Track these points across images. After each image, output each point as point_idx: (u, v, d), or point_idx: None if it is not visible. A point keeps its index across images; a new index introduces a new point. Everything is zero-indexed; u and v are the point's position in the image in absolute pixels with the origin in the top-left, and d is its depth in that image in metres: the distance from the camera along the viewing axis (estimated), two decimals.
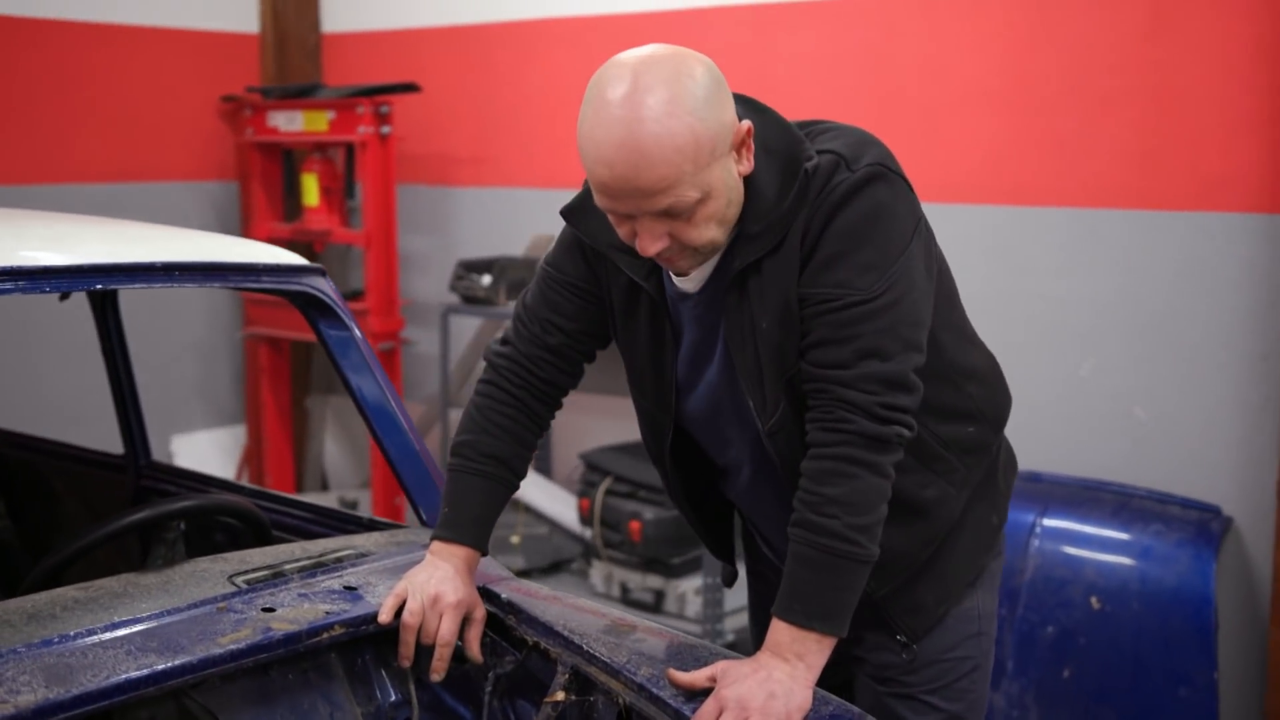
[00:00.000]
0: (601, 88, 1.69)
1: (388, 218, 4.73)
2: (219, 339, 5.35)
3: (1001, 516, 2.01)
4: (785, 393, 1.80)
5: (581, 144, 1.71)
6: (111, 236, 2.11)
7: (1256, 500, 3.34)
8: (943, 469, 1.88)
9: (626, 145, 1.64)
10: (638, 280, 1.87)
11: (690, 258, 1.76)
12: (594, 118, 1.68)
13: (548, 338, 2.00)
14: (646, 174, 1.64)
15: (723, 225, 1.75)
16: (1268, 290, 3.29)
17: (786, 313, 1.77)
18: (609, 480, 4.08)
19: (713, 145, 1.68)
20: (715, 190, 1.70)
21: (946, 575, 1.94)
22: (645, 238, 1.71)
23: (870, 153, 1.75)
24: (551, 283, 2.00)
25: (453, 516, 1.96)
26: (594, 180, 1.70)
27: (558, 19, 4.66)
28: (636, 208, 1.68)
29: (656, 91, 1.64)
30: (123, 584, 1.86)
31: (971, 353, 1.94)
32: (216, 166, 5.30)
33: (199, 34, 5.17)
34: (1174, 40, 3.37)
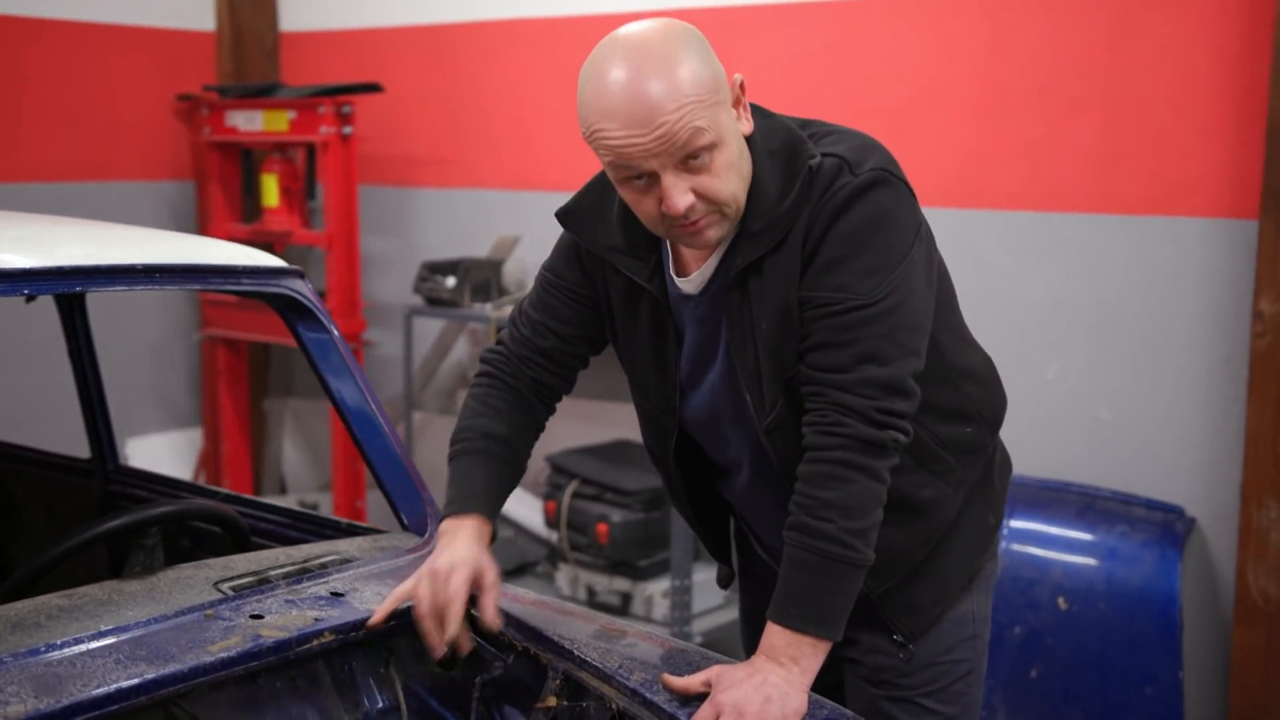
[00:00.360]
0: (595, 59, 1.72)
1: (350, 219, 4.69)
2: (175, 340, 5.28)
3: (997, 516, 2.03)
4: (783, 392, 1.80)
5: (588, 114, 1.70)
6: (88, 238, 2.07)
7: (1219, 501, 3.39)
8: (941, 469, 1.89)
9: (636, 90, 1.65)
10: (640, 282, 1.87)
11: (717, 222, 1.74)
12: (596, 80, 1.70)
13: (540, 340, 1.99)
14: (661, 111, 1.64)
15: (741, 182, 1.75)
16: (1230, 294, 3.33)
17: (786, 314, 1.77)
18: (576, 483, 4.07)
19: (715, 85, 1.70)
20: (726, 137, 1.71)
21: (943, 575, 1.95)
22: (673, 194, 1.68)
23: (874, 157, 1.76)
24: (549, 287, 2.00)
25: (457, 494, 1.92)
26: (608, 144, 1.68)
27: (522, 20, 4.64)
28: (656, 158, 1.66)
29: (652, 44, 1.68)
30: (106, 591, 1.83)
31: (969, 354, 1.95)
32: (171, 166, 5.24)
33: (154, 31, 5.10)
34: (1137, 47, 3.42)
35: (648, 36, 1.70)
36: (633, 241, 1.87)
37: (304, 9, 5.30)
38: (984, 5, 3.63)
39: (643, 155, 1.67)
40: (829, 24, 3.91)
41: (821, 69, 3.92)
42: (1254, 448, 3.22)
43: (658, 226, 1.76)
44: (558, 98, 4.55)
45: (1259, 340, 3.18)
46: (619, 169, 1.71)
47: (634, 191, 1.73)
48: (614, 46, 1.71)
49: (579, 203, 1.92)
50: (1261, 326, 3.17)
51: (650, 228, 1.79)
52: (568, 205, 1.93)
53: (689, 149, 1.67)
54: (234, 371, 5.13)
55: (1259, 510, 3.22)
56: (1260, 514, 3.22)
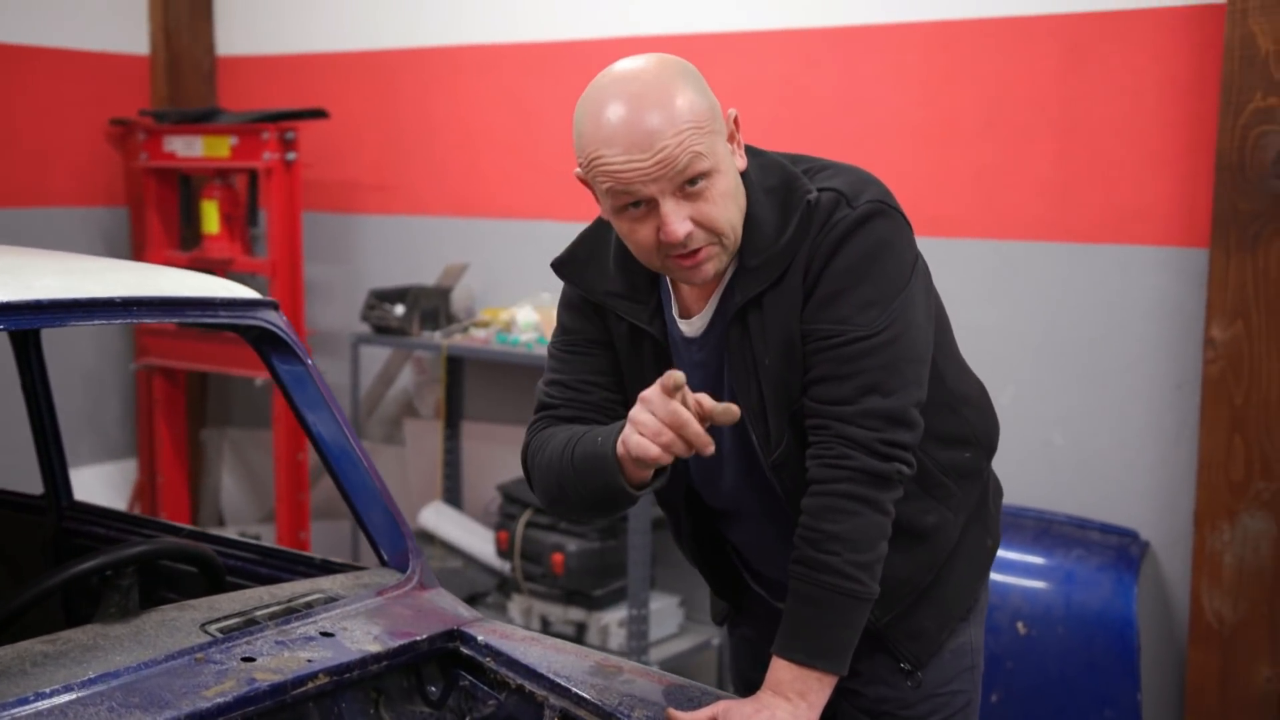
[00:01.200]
0: (592, 92, 1.73)
1: (293, 246, 4.62)
2: (109, 370, 5.16)
3: (995, 538, 2.04)
4: (790, 427, 1.79)
5: (587, 143, 1.70)
6: (63, 270, 2.01)
7: (1172, 525, 3.44)
8: (942, 495, 1.90)
9: (627, 107, 1.67)
10: (641, 325, 1.86)
11: (716, 254, 1.74)
12: (595, 110, 1.70)
13: (586, 396, 1.91)
14: (661, 136, 1.65)
15: (739, 213, 1.75)
16: (1180, 321, 3.39)
17: (790, 348, 1.77)
18: (529, 512, 4.03)
19: (712, 114, 1.72)
20: (723, 166, 1.72)
21: (947, 600, 1.95)
22: (671, 220, 1.68)
23: (870, 190, 1.77)
24: (570, 349, 1.94)
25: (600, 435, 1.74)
26: (608, 170, 1.68)
27: (468, 46, 4.61)
28: (656, 183, 1.67)
29: (649, 74, 1.70)
30: (91, 635, 1.77)
31: (967, 380, 1.98)
32: (105, 192, 5.13)
33: (86, 54, 5.00)
34: (1087, 77, 3.48)
35: (645, 68, 1.72)
36: (632, 285, 1.86)
37: (241, 33, 5.22)
38: (936, 34, 3.68)
39: (643, 180, 1.67)
40: (780, 53, 3.94)
41: (773, 98, 3.94)
42: (1206, 472, 3.28)
43: (653, 258, 1.75)
44: (505, 125, 4.53)
45: (1210, 366, 3.24)
46: (617, 196, 1.70)
47: (630, 221, 1.72)
48: (611, 79, 1.72)
49: (574, 253, 1.91)
50: (1213, 353, 3.23)
51: (645, 261, 1.78)
52: (562, 256, 1.92)
53: (688, 174, 1.68)
54: (171, 401, 5.02)
55: (1212, 533, 3.27)
56: (1213, 537, 3.27)
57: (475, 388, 4.65)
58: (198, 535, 2.48)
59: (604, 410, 1.91)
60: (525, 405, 4.58)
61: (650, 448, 1.60)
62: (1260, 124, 3.13)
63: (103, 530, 2.62)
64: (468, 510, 4.61)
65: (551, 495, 1.87)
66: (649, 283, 1.87)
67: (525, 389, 4.53)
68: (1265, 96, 3.12)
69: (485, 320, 4.37)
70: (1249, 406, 3.21)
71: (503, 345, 4.16)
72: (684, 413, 1.58)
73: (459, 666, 1.96)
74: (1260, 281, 3.17)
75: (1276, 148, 3.12)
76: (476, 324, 4.35)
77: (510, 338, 4.17)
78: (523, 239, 4.50)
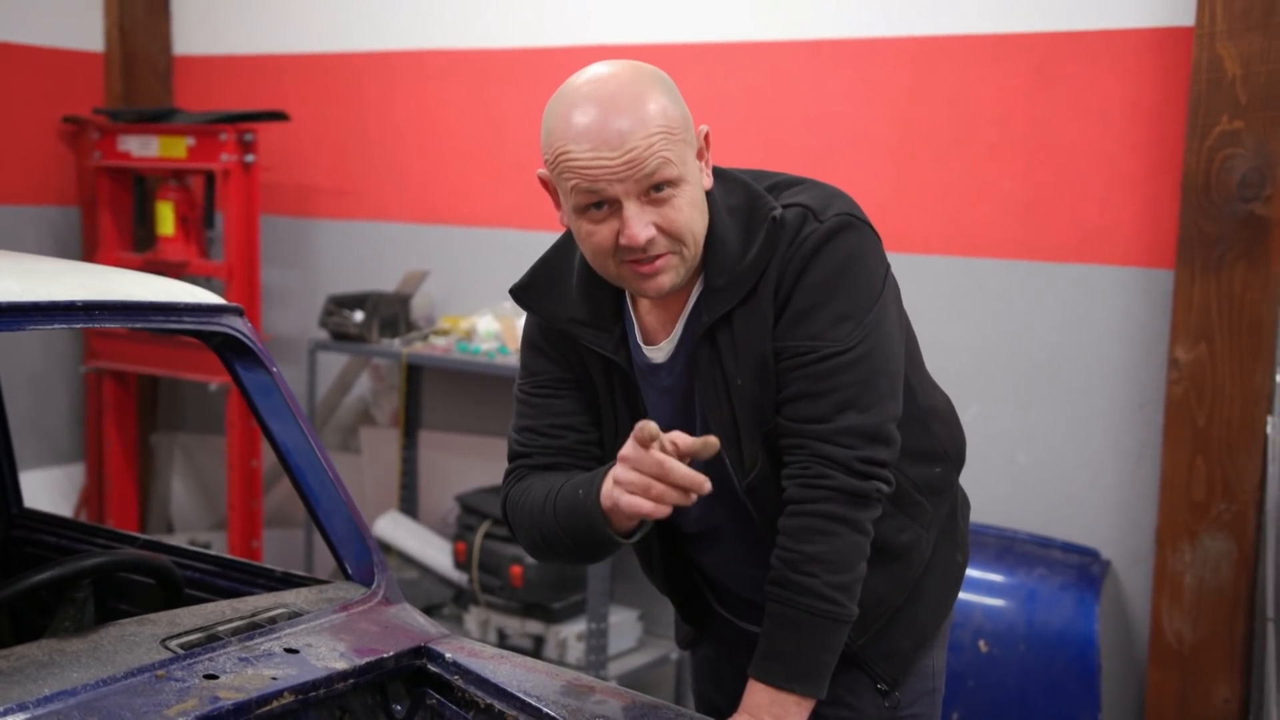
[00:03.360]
0: (564, 91, 1.70)
1: (250, 249, 4.54)
2: (56, 372, 5.05)
3: (965, 554, 2.03)
4: (763, 448, 1.76)
5: (555, 139, 1.67)
6: (21, 272, 1.95)
7: (1133, 544, 3.45)
8: (916, 512, 1.88)
9: (600, 107, 1.64)
10: (605, 354, 1.82)
11: (675, 264, 1.70)
12: (566, 108, 1.67)
13: (558, 441, 1.87)
14: (632, 136, 1.63)
15: (703, 225, 1.72)
16: (1144, 341, 3.41)
17: (763, 368, 1.74)
18: (488, 523, 3.98)
19: (684, 124, 1.69)
20: (690, 178, 1.69)
21: (920, 618, 1.93)
22: (633, 223, 1.65)
23: (836, 204, 1.75)
24: (537, 390, 1.89)
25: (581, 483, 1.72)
26: (574, 166, 1.65)
27: (429, 51, 4.56)
28: (622, 183, 1.64)
29: (624, 78, 1.68)
30: (46, 651, 1.70)
31: (935, 394, 1.96)
32: (56, 191, 5.02)
33: (38, 50, 4.89)
34: (1055, 98, 3.48)
35: (620, 71, 1.69)
36: (596, 312, 1.82)
37: (199, 32, 5.14)
38: (905, 51, 3.68)
39: (609, 178, 1.64)
40: (748, 66, 3.92)
41: (740, 111, 3.92)
42: (1168, 492, 3.29)
43: (609, 263, 1.71)
44: (469, 131, 4.49)
45: (1174, 387, 3.25)
46: (581, 194, 1.67)
47: (591, 222, 1.69)
48: (585, 80, 1.69)
49: (534, 278, 1.87)
50: (1177, 374, 3.24)
51: (599, 267, 1.74)
52: (522, 282, 1.87)
53: (655, 178, 1.65)
54: (121, 405, 4.92)
55: (1173, 554, 3.29)
56: (1174, 557, 3.28)
57: (434, 397, 4.60)
58: (154, 545, 2.42)
59: (577, 454, 1.87)
60: (485, 415, 4.56)
61: (643, 504, 1.57)
62: (1226, 147, 3.15)
63: (54, 539, 2.55)
64: (424, 520, 4.55)
65: (538, 546, 1.83)
66: (613, 310, 1.83)
67: (485, 399, 4.48)
68: (1231, 120, 3.15)
69: (445, 328, 4.32)
70: (1211, 428, 3.22)
71: (463, 354, 4.11)
72: (667, 461, 1.55)
73: (426, 684, 1.91)
74: (1224, 303, 3.19)
75: (1242, 171, 3.14)
76: (436, 332, 4.30)
77: (471, 347, 4.12)
78: (485, 247, 4.45)
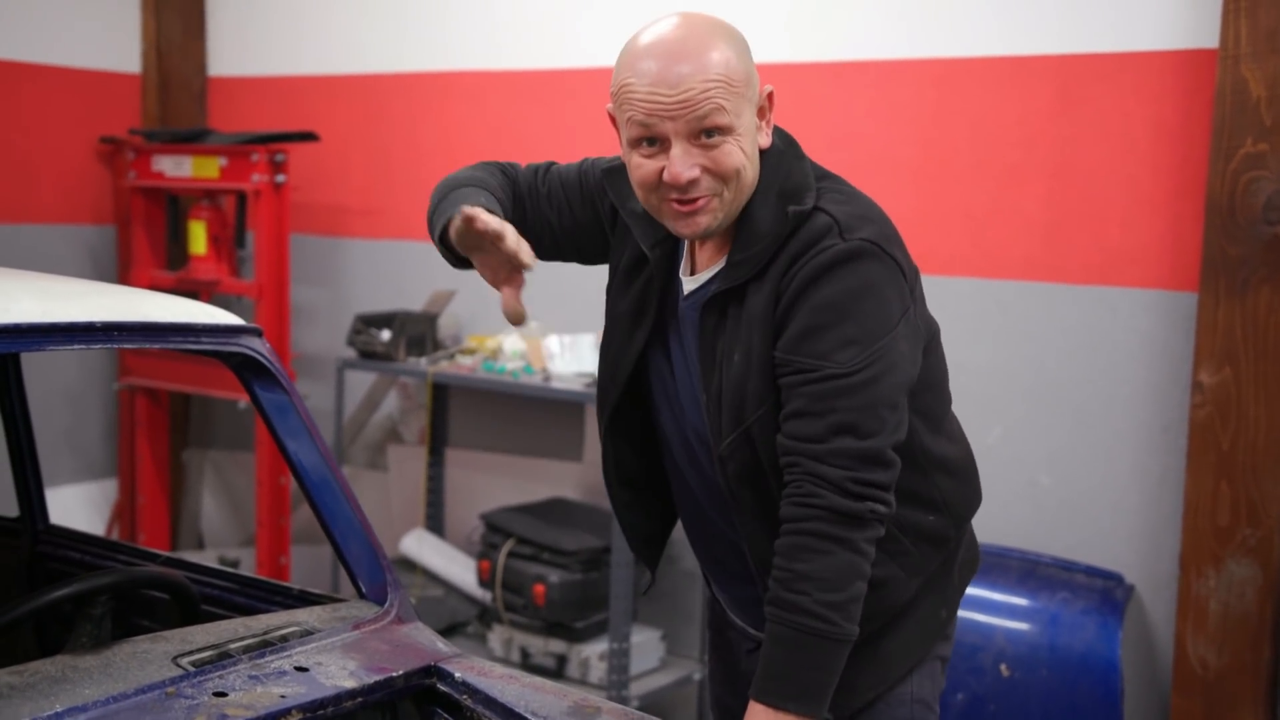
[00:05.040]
0: (646, 25, 1.78)
1: (280, 269, 4.59)
2: (91, 389, 5.12)
3: (951, 611, 2.00)
4: (742, 438, 1.80)
5: (621, 69, 1.75)
6: (42, 292, 1.98)
7: (1157, 568, 3.43)
8: (895, 550, 1.87)
9: (669, 49, 1.71)
10: (643, 247, 1.89)
11: (714, 206, 1.76)
12: (639, 39, 1.76)
13: (541, 186, 2.02)
14: (690, 78, 1.69)
15: (749, 179, 1.78)
16: (1167, 363, 3.39)
17: (749, 355, 1.77)
18: (511, 542, 4.00)
19: (746, 78, 1.76)
20: (742, 130, 1.75)
21: (885, 659, 1.92)
22: (678, 162, 1.72)
23: (869, 229, 1.76)
24: (566, 183, 2.03)
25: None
26: (632, 98, 1.72)
27: (455, 72, 4.61)
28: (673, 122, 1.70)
29: (701, 23, 1.76)
30: (59, 667, 1.73)
31: (944, 444, 1.93)
32: (92, 210, 5.10)
33: (77, 72, 4.98)
34: (1079, 119, 3.48)
35: (695, 19, 1.77)
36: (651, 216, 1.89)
37: (233, 54, 5.21)
38: (928, 73, 3.68)
39: (661, 114, 1.71)
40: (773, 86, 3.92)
41: None
42: (1192, 517, 3.27)
43: (651, 196, 1.78)
44: (493, 151, 4.50)
45: (1198, 411, 3.23)
46: (635, 127, 1.74)
47: (641, 156, 1.76)
48: (665, 20, 1.77)
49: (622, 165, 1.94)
50: (1201, 398, 3.22)
51: (643, 199, 1.81)
52: (618, 164, 1.95)
53: (706, 123, 1.71)
54: (153, 421, 4.98)
55: (1197, 579, 3.26)
56: (1199, 583, 3.26)
57: (460, 415, 4.63)
58: (174, 563, 2.45)
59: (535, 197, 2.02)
60: (511, 434, 4.58)
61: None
62: (1250, 169, 3.14)
63: (78, 555, 2.58)
64: (450, 538, 4.57)
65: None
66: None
67: (511, 418, 4.51)
68: (1256, 142, 3.13)
69: (471, 347, 4.35)
70: (1236, 452, 3.20)
71: (488, 373, 4.14)
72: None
73: (435, 703, 1.93)
74: (1248, 327, 3.17)
75: (1266, 193, 3.13)
76: (463, 351, 4.33)
77: (497, 366, 4.15)
78: None
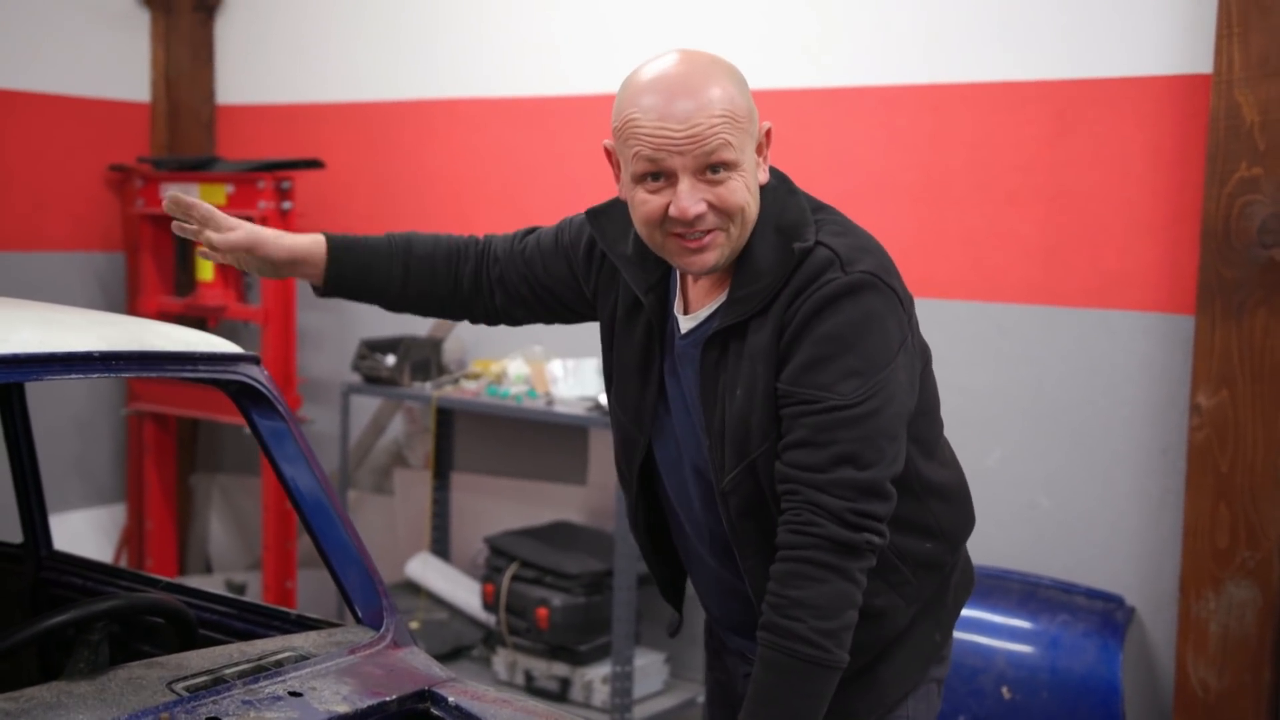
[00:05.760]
0: (647, 62, 1.80)
1: (287, 294, 4.63)
2: (100, 414, 5.16)
3: (945, 635, 2.02)
4: (747, 471, 1.81)
5: (625, 104, 1.77)
6: (41, 322, 2.01)
7: (1157, 591, 3.43)
8: (896, 580, 1.89)
9: (676, 86, 1.73)
10: (638, 293, 1.90)
11: (721, 242, 1.77)
12: (643, 75, 1.78)
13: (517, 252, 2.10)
14: (698, 113, 1.71)
15: (753, 214, 1.79)
16: (1166, 386, 3.40)
17: (753, 390, 1.78)
18: (515, 565, 4.02)
19: (749, 115, 1.77)
20: (746, 167, 1.77)
21: (882, 685, 1.93)
22: (685, 196, 1.73)
23: (867, 261, 1.78)
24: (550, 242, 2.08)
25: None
26: (639, 132, 1.74)
27: (458, 100, 4.65)
28: (681, 157, 1.72)
29: (702, 58, 1.78)
30: (54, 693, 1.75)
31: (939, 471, 1.95)
32: (102, 237, 5.15)
33: (86, 101, 5.03)
34: (1076, 144, 3.50)
35: (695, 55, 1.79)
36: (643, 255, 1.90)
37: (241, 82, 5.26)
38: (926, 98, 3.71)
39: (670, 149, 1.72)
40: (773, 112, 3.94)
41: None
42: (1191, 539, 3.27)
43: (656, 233, 1.79)
44: (497, 177, 4.56)
45: (1196, 433, 3.24)
46: (641, 162, 1.75)
47: (646, 191, 1.77)
48: (667, 56, 1.79)
49: (611, 208, 1.97)
50: (1199, 420, 3.23)
51: (647, 237, 1.82)
52: (600, 207, 1.98)
53: (713, 158, 1.72)
54: (161, 447, 5.02)
55: (1197, 601, 3.26)
56: (1199, 605, 3.26)
57: (465, 439, 4.65)
58: (174, 588, 2.47)
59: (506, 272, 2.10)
60: (515, 458, 4.60)
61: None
62: (1245, 193, 3.15)
63: (80, 581, 2.61)
64: (455, 562, 4.60)
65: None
66: (659, 263, 1.91)
67: (515, 441, 4.53)
68: (1250, 166, 3.15)
69: (476, 372, 4.37)
70: (1234, 474, 3.21)
71: (493, 397, 4.16)
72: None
73: None
74: (1245, 350, 3.18)
75: (1261, 217, 3.14)
76: (467, 376, 4.36)
77: (500, 390, 4.17)
78: None
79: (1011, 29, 3.58)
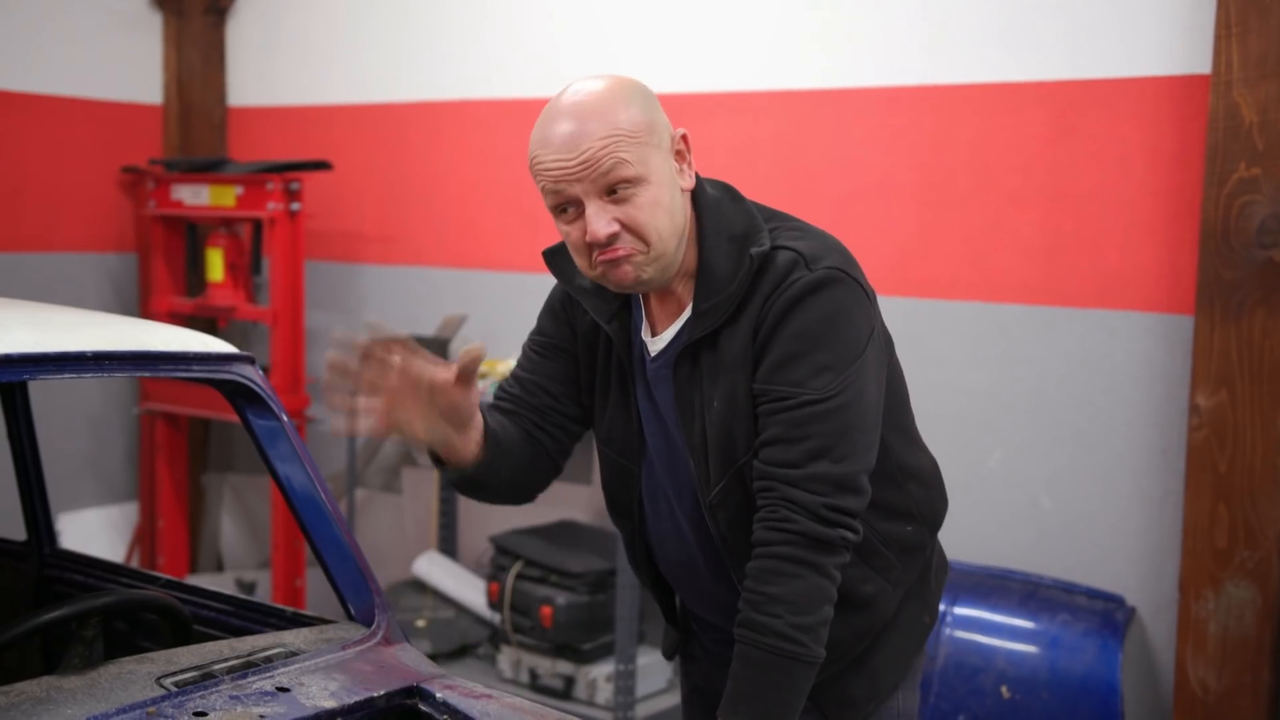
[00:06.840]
0: (549, 103, 1.84)
1: (295, 295, 4.67)
2: (113, 414, 5.21)
3: (933, 616, 2.05)
4: (734, 479, 1.83)
5: (532, 145, 1.82)
6: (36, 323, 2.05)
7: (1157, 591, 3.43)
8: (881, 565, 1.91)
9: (567, 116, 1.78)
10: (600, 323, 1.93)
11: (641, 261, 1.79)
12: (543, 115, 1.83)
13: (531, 398, 2.02)
14: (587, 139, 1.74)
15: (671, 225, 1.80)
16: (1165, 386, 3.40)
17: (734, 398, 1.80)
18: (520, 564, 4.04)
19: (648, 127, 1.79)
20: (656, 176, 1.78)
21: (878, 671, 1.96)
22: (594, 220, 1.76)
23: (831, 257, 1.80)
24: (537, 348, 2.05)
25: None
26: (541, 169, 1.79)
27: (469, 101, 4.68)
28: (580, 184, 1.75)
29: (596, 86, 1.81)
30: (44, 688, 1.78)
31: (916, 455, 1.98)
32: (114, 238, 5.19)
33: (100, 104, 5.08)
34: (1075, 145, 3.50)
35: (593, 85, 1.82)
36: (599, 285, 1.92)
37: (253, 85, 5.31)
38: (927, 100, 3.72)
39: (568, 179, 1.76)
40: (776, 114, 3.98)
41: (767, 158, 3.98)
42: (1191, 539, 3.27)
43: (585, 261, 1.82)
44: (504, 178, 4.59)
45: (1195, 434, 3.24)
46: (551, 196, 1.80)
47: (564, 223, 1.81)
48: (564, 90, 1.83)
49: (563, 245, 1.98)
50: (1198, 420, 3.23)
51: (582, 267, 1.85)
52: (554, 247, 2.00)
53: (611, 178, 1.75)
54: (173, 446, 5.06)
55: (1197, 601, 3.26)
56: (1198, 605, 3.26)
57: None
58: (174, 586, 2.50)
59: (544, 415, 2.02)
60: None
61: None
62: (1244, 193, 3.15)
63: (81, 578, 2.64)
64: (462, 560, 4.62)
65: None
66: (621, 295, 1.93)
67: None
68: (1249, 167, 3.14)
69: (483, 371, 4.40)
70: (1233, 474, 3.21)
71: None
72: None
73: None
74: (1244, 350, 3.17)
75: (1260, 217, 3.14)
76: None
77: None
78: (522, 292, 4.53)
79: (1012, 31, 3.58)
